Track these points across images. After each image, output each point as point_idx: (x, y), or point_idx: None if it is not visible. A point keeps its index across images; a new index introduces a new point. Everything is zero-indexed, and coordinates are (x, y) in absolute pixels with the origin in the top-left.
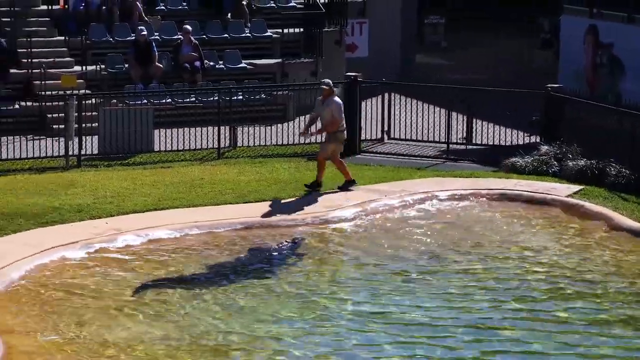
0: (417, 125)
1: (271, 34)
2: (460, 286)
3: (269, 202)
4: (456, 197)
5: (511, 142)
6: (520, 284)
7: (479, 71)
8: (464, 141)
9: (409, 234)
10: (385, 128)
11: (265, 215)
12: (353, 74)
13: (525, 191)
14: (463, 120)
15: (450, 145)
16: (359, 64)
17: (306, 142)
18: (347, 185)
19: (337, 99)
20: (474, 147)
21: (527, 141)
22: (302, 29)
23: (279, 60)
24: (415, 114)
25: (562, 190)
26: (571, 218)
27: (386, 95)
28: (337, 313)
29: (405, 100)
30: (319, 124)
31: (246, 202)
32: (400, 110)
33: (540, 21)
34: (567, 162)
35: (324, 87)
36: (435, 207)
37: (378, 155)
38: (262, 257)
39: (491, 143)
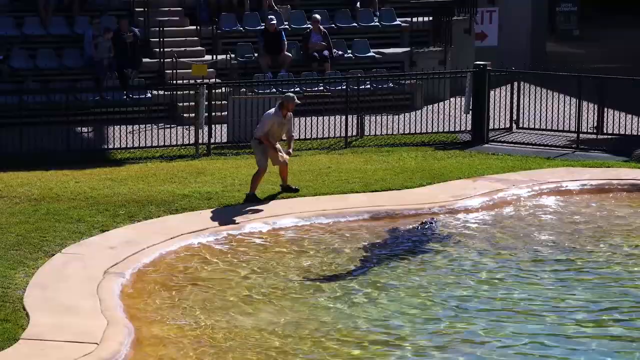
0: (546, 115)
1: (400, 22)
2: (607, 277)
3: (396, 191)
4: (586, 187)
5: None
6: None
7: (612, 60)
8: (595, 131)
9: (539, 225)
10: (514, 117)
11: (392, 204)
12: (482, 62)
13: None
14: (594, 109)
15: (581, 135)
16: (488, 53)
17: (433, 131)
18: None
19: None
20: (605, 136)
21: None
22: (431, 18)
23: (408, 49)
24: (545, 104)
25: None
26: None
27: (515, 84)
28: (476, 303)
29: (535, 90)
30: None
31: (373, 191)
32: (529, 100)
33: None
34: None
35: (298, 101)
36: (565, 197)
37: (506, 144)
38: (389, 246)
39: (623, 133)
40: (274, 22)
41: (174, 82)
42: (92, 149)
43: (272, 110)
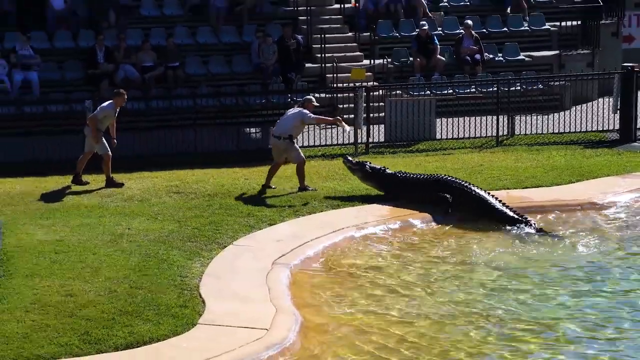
0: None
1: (549, 27)
2: None
3: (546, 188)
4: None
5: None
6: None
7: None
8: None
9: None
10: None
11: (542, 200)
12: (630, 64)
13: None
14: None
15: None
16: (635, 55)
17: (582, 130)
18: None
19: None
20: None
21: None
22: (579, 22)
23: (556, 52)
24: None
25: None
26: None
27: None
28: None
29: None
30: None
31: (524, 188)
32: None
33: None
34: None
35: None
36: None
37: None
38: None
39: None
40: (426, 27)
41: (335, 85)
42: (260, 148)
43: (298, 109)
